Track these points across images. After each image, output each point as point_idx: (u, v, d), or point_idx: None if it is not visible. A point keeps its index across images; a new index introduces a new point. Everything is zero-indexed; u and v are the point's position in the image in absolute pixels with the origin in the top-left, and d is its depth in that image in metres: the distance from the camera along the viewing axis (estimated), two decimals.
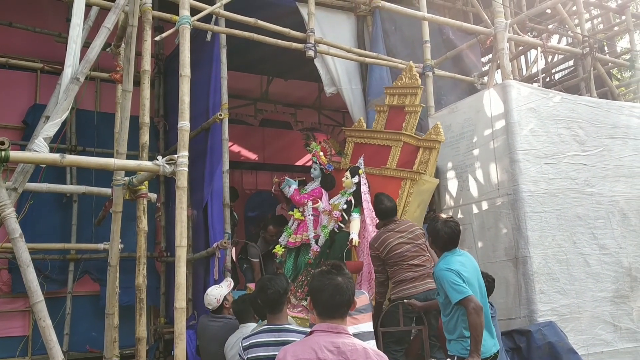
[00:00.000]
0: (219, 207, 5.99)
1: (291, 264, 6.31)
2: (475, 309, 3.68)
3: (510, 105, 5.69)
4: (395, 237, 5.14)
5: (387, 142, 6.20)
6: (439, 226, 4.02)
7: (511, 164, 5.58)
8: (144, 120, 4.17)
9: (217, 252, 5.74)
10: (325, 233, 5.97)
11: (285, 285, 3.58)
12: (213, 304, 4.95)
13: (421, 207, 5.94)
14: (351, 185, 5.97)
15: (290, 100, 10.48)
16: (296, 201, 6.40)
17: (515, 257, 5.45)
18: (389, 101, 6.42)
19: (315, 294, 2.43)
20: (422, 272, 5.01)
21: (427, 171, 5.84)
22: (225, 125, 6.01)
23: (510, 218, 5.52)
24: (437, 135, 5.85)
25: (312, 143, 6.49)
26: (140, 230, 3.99)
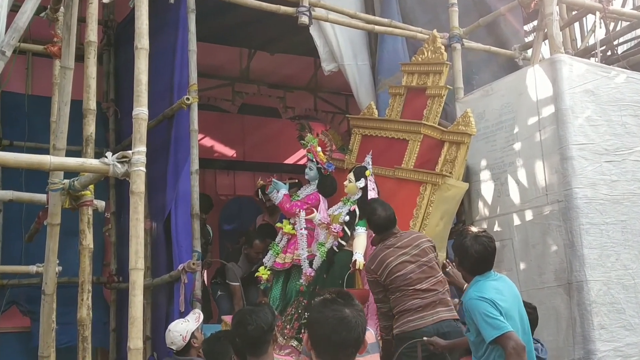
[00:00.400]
0: (185, 218, 5.98)
1: (279, 291, 6.30)
2: (516, 349, 3.68)
3: (562, 86, 5.70)
4: (396, 255, 5.11)
5: (403, 135, 6.21)
6: (468, 242, 4.02)
7: (562, 162, 5.59)
8: (89, 105, 4.15)
9: (184, 277, 5.72)
10: (321, 252, 5.97)
11: (271, 319, 3.57)
12: (178, 342, 4.92)
13: (445, 219, 5.96)
14: (355, 190, 5.97)
15: (278, 80, 10.48)
16: (286, 210, 6.39)
17: (568, 282, 5.45)
18: (407, 81, 6.43)
19: (314, 328, 2.41)
20: (431, 299, 4.98)
21: (453, 172, 5.85)
22: (195, 112, 5.99)
23: (562, 232, 5.52)
24: (467, 126, 5.85)
25: (308, 135, 6.46)
26: (84, 249, 3.97)
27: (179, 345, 4.93)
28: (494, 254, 4.05)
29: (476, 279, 4.03)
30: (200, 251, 5.82)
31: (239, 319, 3.58)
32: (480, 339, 3.87)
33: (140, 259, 3.36)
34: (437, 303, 4.95)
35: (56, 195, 3.98)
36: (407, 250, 5.11)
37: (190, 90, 6.02)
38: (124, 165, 3.51)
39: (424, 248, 5.14)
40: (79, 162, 3.59)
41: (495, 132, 6.24)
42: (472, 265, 4.04)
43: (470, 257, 4.01)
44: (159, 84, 6.39)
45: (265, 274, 6.34)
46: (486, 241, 4.02)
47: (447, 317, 4.93)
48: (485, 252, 4.00)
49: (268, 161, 10.90)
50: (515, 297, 4.03)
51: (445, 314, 4.94)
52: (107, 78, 8.20)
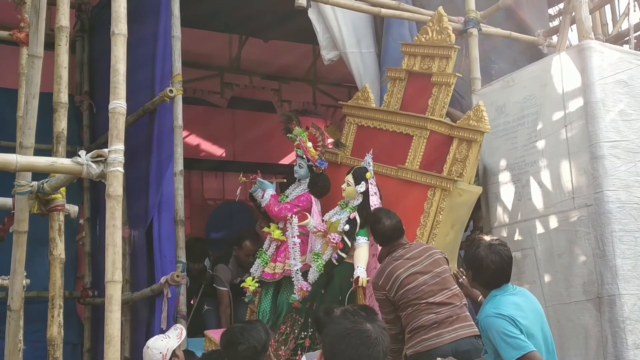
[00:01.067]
0: (169, 225, 5.99)
1: (268, 304, 6.26)
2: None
3: (591, 76, 5.70)
4: (406, 267, 5.07)
5: (407, 130, 6.18)
6: (482, 253, 4.01)
7: (592, 162, 5.58)
8: (60, 99, 4.15)
9: (167, 290, 5.72)
10: (318, 265, 5.88)
11: (264, 338, 3.58)
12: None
13: (456, 228, 5.94)
14: (355, 195, 5.88)
15: (272, 71, 10.50)
16: (274, 214, 6.30)
17: (599, 296, 5.44)
18: (408, 64, 6.40)
19: (330, 341, 2.41)
20: (447, 314, 4.94)
21: (464, 174, 5.81)
22: (179, 106, 6.00)
23: (591, 240, 5.52)
24: (479, 121, 5.82)
25: (296, 128, 6.37)
26: (55, 259, 3.98)
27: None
28: (511, 264, 4.05)
29: (492, 293, 4.03)
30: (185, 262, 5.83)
31: (228, 338, 3.59)
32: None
33: (117, 270, 3.36)
34: (454, 319, 4.92)
35: (23, 199, 3.98)
36: (417, 261, 5.10)
37: (173, 81, 6.02)
38: (99, 165, 3.51)
39: (437, 259, 5.13)
40: (49, 161, 3.59)
41: (516, 128, 6.23)
42: (488, 278, 4.04)
43: (486, 269, 4.00)
44: (139, 74, 6.39)
45: (252, 285, 6.25)
46: (502, 250, 4.02)
47: (466, 334, 4.89)
48: (502, 262, 4.00)
49: (261, 161, 10.90)
50: (538, 313, 4.03)
51: (464, 331, 4.90)
52: (80, 68, 8.21)
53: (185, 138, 6.18)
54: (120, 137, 3.50)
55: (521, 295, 4.04)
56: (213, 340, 6.14)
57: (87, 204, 7.80)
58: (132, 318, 6.69)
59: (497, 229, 6.30)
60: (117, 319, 3.30)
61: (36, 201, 4.00)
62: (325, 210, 6.26)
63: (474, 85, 6.81)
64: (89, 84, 8.19)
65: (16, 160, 3.46)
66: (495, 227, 6.32)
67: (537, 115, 6.07)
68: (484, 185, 6.47)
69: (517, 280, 5.84)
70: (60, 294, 3.95)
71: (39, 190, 3.96)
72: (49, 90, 4.14)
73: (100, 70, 7.79)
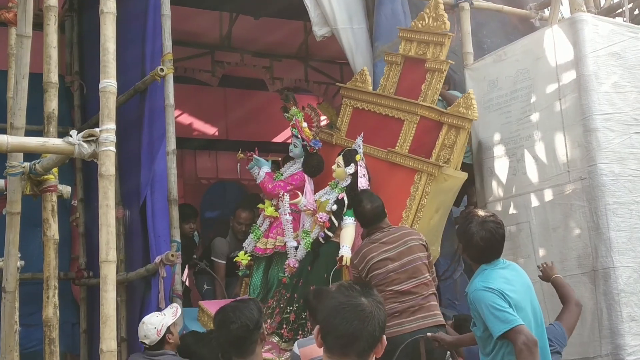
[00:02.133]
0: (162, 204, 5.98)
1: (259, 278, 6.40)
2: (527, 344, 3.69)
3: (584, 49, 5.69)
4: (379, 252, 5.20)
5: (398, 114, 6.28)
6: (474, 229, 4.03)
7: (585, 135, 5.59)
8: (50, 79, 4.11)
9: (162, 270, 5.73)
10: (306, 243, 6.04)
11: (257, 316, 3.58)
12: (152, 336, 4.97)
13: (440, 212, 6.01)
14: (344, 176, 6.01)
15: (264, 48, 10.44)
16: (268, 191, 6.47)
17: (593, 269, 5.47)
18: (405, 50, 6.46)
19: (324, 316, 2.41)
20: (410, 304, 5.06)
21: (451, 160, 5.88)
22: (170, 84, 5.98)
23: (586, 213, 5.54)
24: (468, 108, 5.87)
25: (292, 108, 6.47)
26: (49, 240, 3.96)
27: (152, 339, 4.98)
28: (502, 241, 4.07)
29: (482, 267, 4.05)
30: (180, 242, 5.84)
31: (221, 318, 3.60)
32: (487, 334, 3.90)
33: (112, 250, 3.35)
34: (416, 309, 5.05)
35: (15, 180, 3.97)
36: (391, 247, 5.21)
37: (164, 60, 5.99)
38: (90, 145, 3.50)
39: (412, 246, 5.22)
40: (40, 142, 3.58)
41: (509, 102, 6.24)
42: (477, 254, 4.07)
43: (476, 245, 4.03)
44: (129, 53, 6.36)
45: (245, 259, 6.41)
46: (494, 227, 4.03)
47: (427, 324, 5.02)
48: (493, 239, 4.02)
49: (254, 139, 10.88)
50: (527, 286, 4.06)
51: (426, 321, 5.04)
52: (70, 48, 8.16)
53: (177, 117, 6.17)
54: (111, 117, 3.49)
55: (511, 270, 4.06)
56: (206, 312, 6.25)
57: (80, 185, 7.78)
58: (128, 298, 6.70)
59: (491, 203, 6.32)
60: (113, 298, 3.30)
61: (28, 182, 3.99)
62: (319, 189, 6.37)
63: (466, 60, 6.80)
64: (79, 64, 8.13)
65: (7, 141, 3.44)
66: (490, 202, 6.34)
67: (531, 89, 6.07)
68: (478, 160, 6.52)
69: (512, 254, 5.88)
70: (55, 274, 3.94)
71: (31, 171, 3.95)
72: (38, 71, 4.11)
73: (91, 50, 7.75)
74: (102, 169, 3.44)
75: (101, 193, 3.42)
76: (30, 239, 6.48)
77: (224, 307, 3.73)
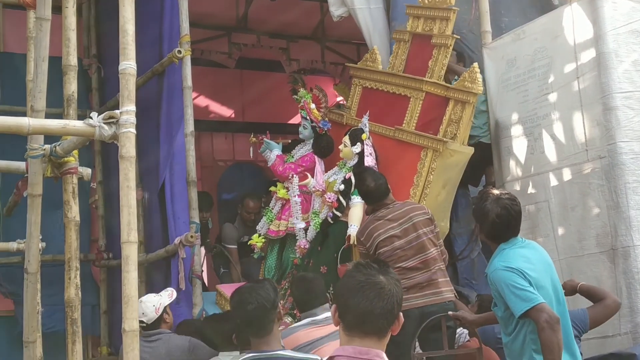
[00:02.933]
0: (181, 186, 6.02)
1: (274, 260, 6.47)
2: (550, 322, 3.68)
3: (603, 27, 5.63)
4: (385, 229, 5.23)
5: (405, 91, 6.29)
6: (489, 206, 4.02)
7: (605, 113, 5.54)
8: (69, 61, 4.12)
9: (181, 251, 5.77)
10: (315, 224, 6.10)
11: (273, 296, 3.59)
12: (150, 314, 5.04)
13: (448, 188, 6.02)
14: (351, 156, 6.07)
15: (280, 29, 10.42)
16: (279, 174, 6.54)
17: (613, 248, 5.43)
18: (412, 26, 6.45)
19: (344, 295, 2.42)
20: (418, 280, 5.10)
21: (458, 135, 5.90)
22: (187, 66, 6.00)
23: (605, 192, 5.50)
24: (473, 82, 5.88)
25: (301, 90, 6.51)
26: (70, 222, 3.98)
27: (150, 317, 5.04)
28: (518, 219, 4.04)
29: (501, 247, 4.03)
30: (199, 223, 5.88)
31: (238, 299, 3.61)
32: (509, 313, 3.89)
33: (133, 231, 3.37)
34: (424, 285, 5.09)
35: (37, 163, 3.99)
36: (397, 223, 5.23)
37: (181, 42, 6.02)
38: (111, 127, 3.50)
39: (416, 222, 5.24)
40: (61, 124, 3.59)
41: (527, 80, 6.20)
42: (494, 232, 4.05)
43: (492, 224, 4.01)
44: (146, 35, 6.38)
45: (259, 241, 6.47)
46: (509, 204, 4.01)
47: (436, 300, 5.08)
48: (509, 216, 3.99)
49: (271, 121, 10.88)
50: (547, 264, 4.04)
51: (434, 297, 5.09)
52: (87, 31, 8.19)
53: (194, 99, 6.19)
54: (131, 98, 3.49)
55: (530, 248, 4.04)
56: (223, 295, 6.33)
57: (99, 167, 7.83)
58: (148, 279, 6.77)
59: (509, 182, 6.30)
60: (134, 279, 3.32)
61: (49, 164, 4.01)
62: (330, 169, 6.42)
63: (484, 39, 6.76)
64: (97, 47, 8.16)
65: (28, 124, 3.46)
66: (508, 181, 6.32)
67: (549, 68, 6.03)
68: (496, 139, 6.50)
69: (530, 233, 5.86)
70: (76, 256, 3.96)
71: (51, 154, 3.96)
72: (57, 54, 4.13)
73: (108, 33, 7.77)
74: (122, 151, 3.45)
75: (122, 174, 3.43)
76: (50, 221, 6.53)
77: (239, 288, 3.75)
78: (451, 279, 6.54)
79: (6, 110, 7.15)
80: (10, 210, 6.43)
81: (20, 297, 4.81)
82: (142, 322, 5.08)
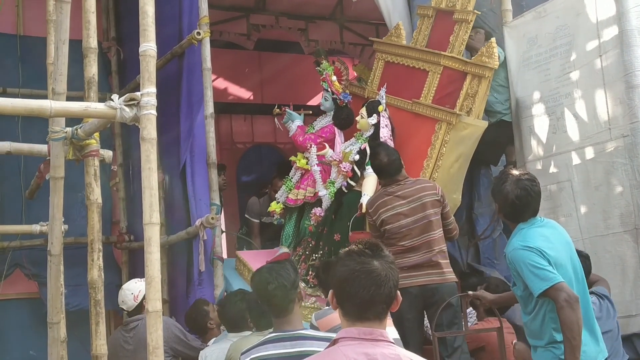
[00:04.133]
0: (202, 169, 6.04)
1: (292, 228, 6.55)
2: (569, 301, 3.67)
3: (626, 3, 5.57)
4: (393, 205, 5.27)
5: (424, 65, 6.32)
6: (508, 187, 4.00)
7: (628, 91, 5.49)
8: (89, 44, 4.13)
9: (202, 233, 5.80)
10: (330, 193, 6.20)
11: (294, 276, 3.60)
12: (129, 302, 5.11)
13: (460, 161, 6.05)
14: (367, 127, 6.14)
15: (299, 10, 10.37)
16: (299, 144, 6.61)
17: (636, 227, 5.41)
18: (437, 2, 6.47)
19: (340, 284, 2.44)
20: (420, 260, 5.13)
21: (473, 109, 5.93)
22: (207, 48, 6.00)
23: (628, 170, 5.47)
24: (490, 57, 5.89)
25: (323, 62, 6.56)
26: (92, 204, 4.00)
27: (129, 305, 5.12)
28: (538, 199, 4.02)
29: (519, 226, 4.02)
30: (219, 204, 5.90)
31: (258, 279, 3.62)
32: (528, 292, 3.88)
33: (155, 213, 3.39)
34: (424, 266, 5.12)
35: (58, 145, 4.01)
36: (406, 201, 5.25)
37: (200, 23, 6.02)
38: (132, 109, 3.52)
39: (425, 202, 5.25)
40: (83, 106, 3.61)
41: (549, 59, 6.17)
42: (514, 212, 4.03)
43: (512, 204, 3.99)
44: (167, 18, 6.38)
45: (277, 208, 6.55)
46: (528, 184, 3.99)
47: (436, 280, 5.13)
48: (529, 197, 3.97)
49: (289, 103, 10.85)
50: (566, 243, 4.02)
51: (435, 277, 5.14)
52: (106, 14, 8.19)
53: (213, 82, 6.20)
54: (152, 80, 3.50)
55: (549, 227, 4.02)
56: (242, 260, 6.48)
57: (119, 149, 7.86)
58: (169, 261, 6.80)
59: (531, 162, 6.28)
60: (157, 260, 3.34)
61: (71, 147, 4.03)
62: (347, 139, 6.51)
63: (505, 18, 6.73)
64: (116, 30, 8.16)
65: (50, 106, 3.48)
66: (530, 161, 6.30)
67: (571, 46, 5.99)
68: (517, 118, 6.49)
69: (552, 213, 5.85)
70: (98, 238, 3.99)
71: (73, 137, 3.98)
72: (76, 38, 4.14)
73: (128, 15, 7.77)
74: (144, 133, 3.46)
75: (143, 156, 3.44)
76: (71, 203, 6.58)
77: (260, 268, 3.75)
78: (473, 258, 6.59)
79: (27, 93, 7.19)
80: (33, 193, 6.47)
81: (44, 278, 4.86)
82: (123, 309, 5.13)
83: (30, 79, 7.37)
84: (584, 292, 3.96)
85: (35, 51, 7.03)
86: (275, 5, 10.16)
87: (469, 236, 6.71)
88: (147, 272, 3.34)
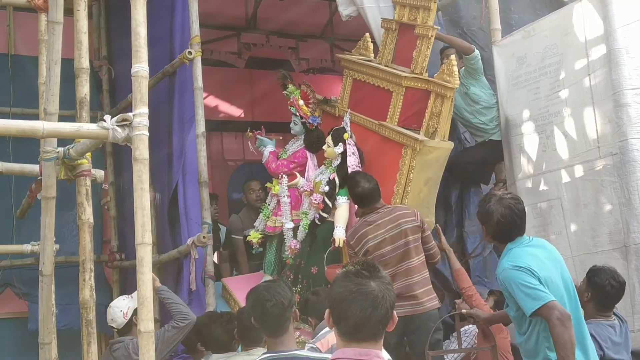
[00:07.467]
0: (193, 187, 6.03)
1: (273, 255, 6.54)
2: (561, 319, 3.70)
3: (614, 23, 5.61)
4: (375, 234, 5.29)
5: (387, 85, 6.26)
6: (492, 207, 4.04)
7: (616, 110, 5.52)
8: (81, 64, 4.15)
9: (194, 252, 5.78)
10: (304, 225, 6.16)
11: (290, 294, 3.60)
12: (118, 320, 5.04)
13: (430, 185, 6.03)
14: (335, 155, 6.08)
15: (290, 29, 10.41)
16: (272, 171, 6.59)
17: (625, 244, 5.42)
18: (399, 15, 6.42)
19: (337, 305, 2.44)
20: (401, 290, 5.07)
21: (438, 128, 5.87)
22: (198, 67, 6.00)
23: (617, 188, 5.49)
24: (450, 75, 5.83)
25: (289, 86, 6.53)
26: (84, 224, 4.01)
27: (119, 322, 5.05)
28: (523, 217, 4.06)
29: (508, 247, 4.05)
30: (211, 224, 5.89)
31: (255, 297, 3.61)
32: (521, 313, 3.90)
33: (147, 233, 3.39)
34: (404, 296, 5.11)
35: (50, 165, 4.02)
36: (386, 229, 5.28)
37: (192, 43, 6.02)
38: (124, 130, 3.53)
39: (405, 229, 5.29)
40: (75, 127, 3.61)
41: (538, 78, 6.19)
42: (500, 232, 4.06)
43: (497, 224, 4.03)
44: (158, 38, 6.38)
45: (256, 237, 6.51)
46: (512, 202, 4.04)
47: (417, 311, 5.16)
48: (513, 215, 4.01)
49: (280, 120, 10.86)
50: (556, 261, 4.05)
51: (416, 308, 5.16)
52: (97, 33, 8.19)
53: (204, 100, 6.21)
54: (144, 101, 3.51)
55: (537, 246, 4.05)
56: (227, 289, 6.54)
57: (110, 168, 7.85)
58: (160, 280, 6.77)
59: (521, 180, 6.29)
60: (149, 280, 3.35)
61: (62, 167, 4.04)
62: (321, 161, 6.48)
63: (494, 37, 6.75)
64: (108, 49, 8.17)
65: (43, 127, 3.48)
66: (520, 179, 6.31)
67: (560, 65, 6.02)
68: (507, 136, 6.49)
69: (543, 231, 5.86)
70: (90, 257, 3.99)
71: (65, 156, 3.99)
72: (68, 57, 4.15)
73: (119, 34, 7.77)
74: (136, 153, 3.47)
75: (136, 177, 3.45)
76: (62, 222, 6.56)
77: (256, 287, 3.75)
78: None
79: (18, 113, 7.18)
80: (24, 212, 6.46)
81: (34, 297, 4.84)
82: (112, 327, 5.09)
83: (21, 98, 7.37)
84: (577, 310, 3.98)
85: (27, 70, 7.04)
86: (266, 24, 10.21)
87: (459, 254, 6.72)
88: (140, 292, 3.34)
